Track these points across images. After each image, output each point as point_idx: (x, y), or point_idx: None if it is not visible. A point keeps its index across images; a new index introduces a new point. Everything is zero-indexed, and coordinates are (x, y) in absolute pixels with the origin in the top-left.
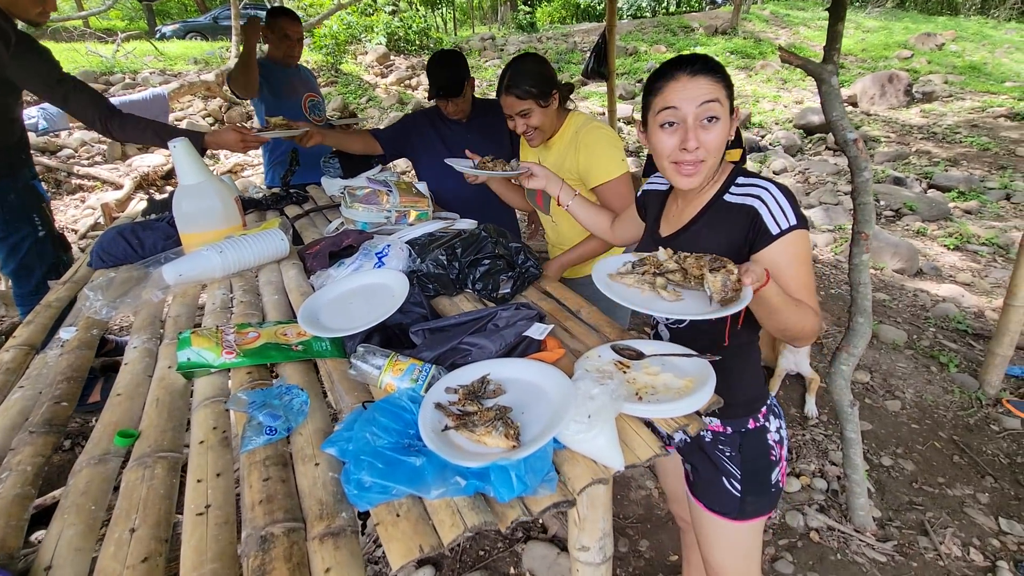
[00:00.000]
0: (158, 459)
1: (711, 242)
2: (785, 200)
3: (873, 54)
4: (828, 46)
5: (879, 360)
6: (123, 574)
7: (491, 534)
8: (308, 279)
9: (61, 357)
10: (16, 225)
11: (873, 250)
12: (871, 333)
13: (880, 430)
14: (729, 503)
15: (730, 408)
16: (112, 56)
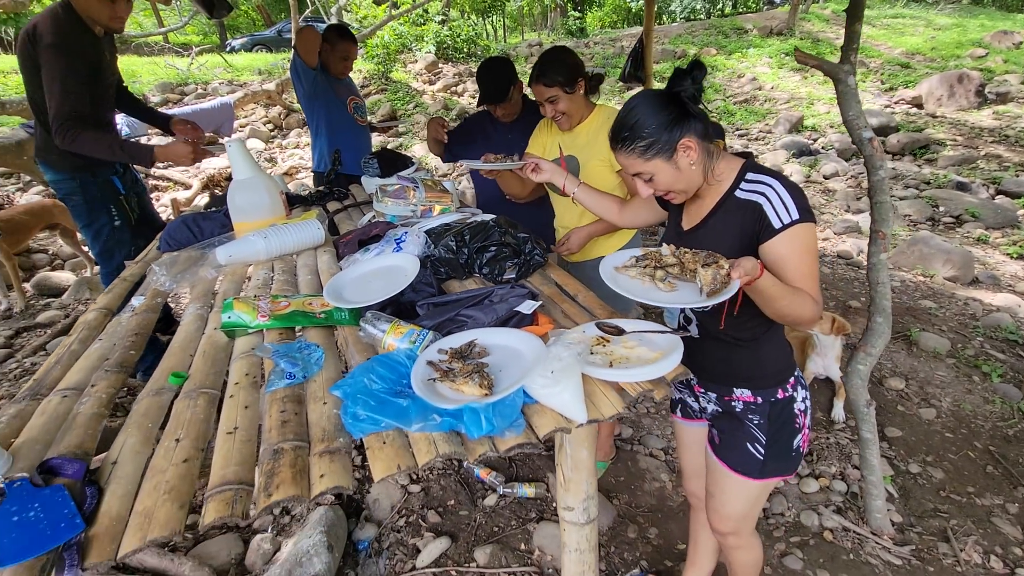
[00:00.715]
0: (201, 393)
1: (724, 235)
2: (788, 196)
3: (944, 53)
4: (845, 46)
5: (917, 368)
6: (168, 469)
7: (505, 512)
8: (338, 263)
9: (131, 318)
10: (96, 214)
11: (923, 256)
12: (890, 333)
13: (911, 437)
14: (751, 465)
15: (761, 380)
16: (187, 68)
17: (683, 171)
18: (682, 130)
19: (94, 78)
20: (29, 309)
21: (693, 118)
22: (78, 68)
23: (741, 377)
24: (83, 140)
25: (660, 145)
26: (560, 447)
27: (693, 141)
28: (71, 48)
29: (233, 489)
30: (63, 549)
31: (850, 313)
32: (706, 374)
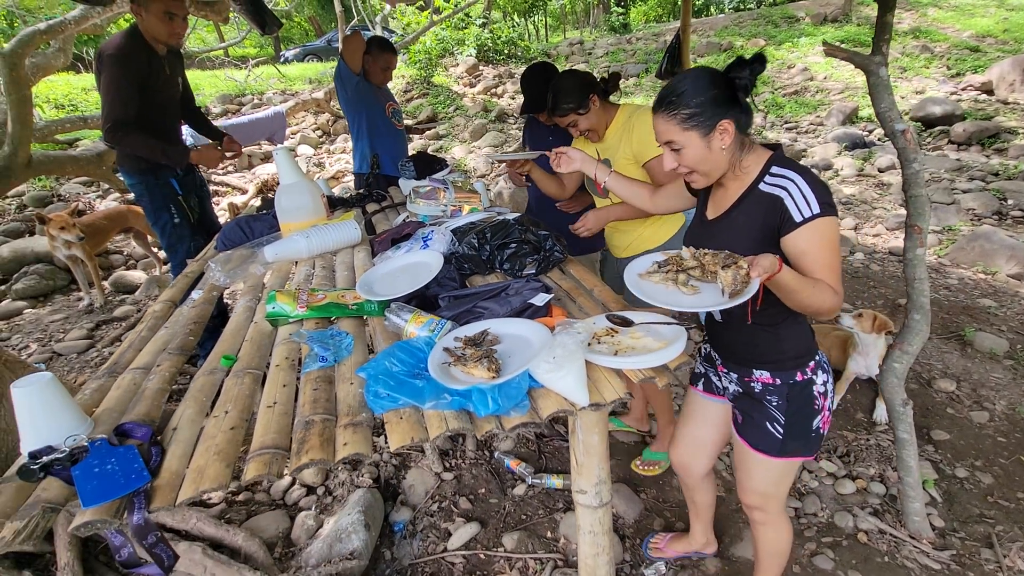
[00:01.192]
0: (247, 373)
1: (747, 227)
2: (810, 190)
3: (1017, 35)
4: (876, 37)
5: (970, 369)
6: (218, 436)
7: (533, 502)
8: (373, 259)
9: (191, 310)
10: (159, 213)
11: (984, 253)
12: (928, 331)
13: (959, 441)
14: (771, 443)
15: (780, 362)
16: (244, 80)
17: (713, 152)
18: (726, 113)
19: (148, 90)
20: (107, 304)
21: (738, 105)
22: (129, 80)
23: (761, 359)
24: (127, 141)
25: (701, 119)
26: (572, 432)
27: (731, 126)
28: (126, 62)
29: (271, 453)
30: (133, 495)
31: (899, 311)
32: (728, 355)
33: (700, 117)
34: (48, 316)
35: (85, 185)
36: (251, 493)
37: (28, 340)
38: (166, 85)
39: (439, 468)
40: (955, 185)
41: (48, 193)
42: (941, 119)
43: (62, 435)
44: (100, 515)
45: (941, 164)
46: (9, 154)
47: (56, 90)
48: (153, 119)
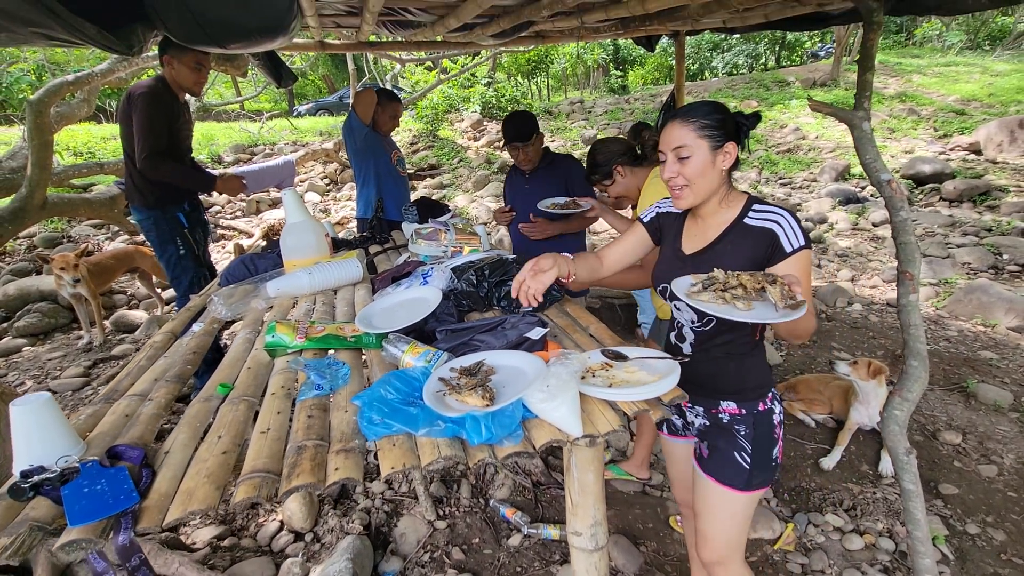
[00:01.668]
0: (242, 400)
1: (735, 257)
2: (797, 225)
3: (1003, 99)
4: (859, 93)
5: (975, 421)
6: (209, 459)
7: (529, 553)
8: (373, 296)
9: (191, 340)
10: (165, 245)
11: (982, 305)
12: (927, 378)
13: (968, 496)
14: (738, 476)
15: (744, 392)
16: (257, 131)
17: (715, 169)
18: (733, 137)
19: (173, 128)
20: (107, 343)
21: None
22: (160, 117)
23: (727, 390)
24: (164, 169)
25: (715, 133)
26: (568, 470)
27: (735, 150)
28: (157, 101)
29: (261, 476)
30: (120, 516)
31: (899, 361)
32: (695, 389)
33: (714, 131)
34: (47, 354)
35: (95, 227)
36: (236, 539)
37: (24, 377)
38: (185, 129)
39: (432, 516)
40: (949, 240)
41: (59, 234)
42: (931, 177)
43: (54, 456)
44: (86, 534)
45: (934, 220)
46: (26, 196)
47: (77, 138)
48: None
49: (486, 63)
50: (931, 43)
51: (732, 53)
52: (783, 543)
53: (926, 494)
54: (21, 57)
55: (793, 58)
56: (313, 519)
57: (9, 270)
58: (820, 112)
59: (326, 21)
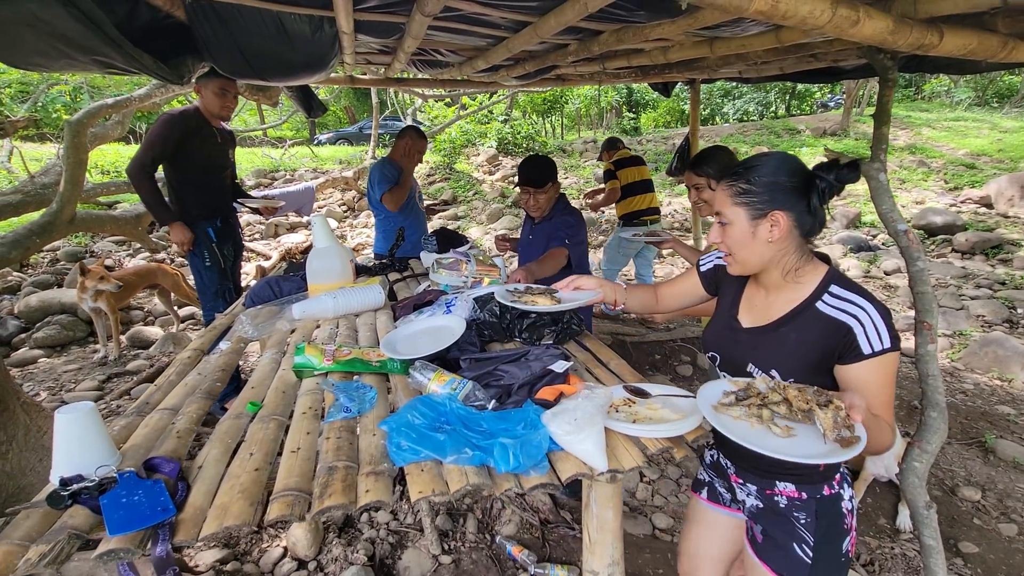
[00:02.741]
0: (272, 419)
1: (799, 346)
2: (883, 323)
3: (1013, 155)
4: (875, 146)
5: (995, 478)
6: (243, 475)
7: None
8: (394, 323)
9: (219, 358)
10: (192, 256)
11: (999, 359)
12: (947, 429)
13: (988, 555)
14: (799, 569)
15: (807, 475)
16: (279, 158)
17: (757, 240)
18: (785, 205)
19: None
20: (121, 358)
21: (803, 202)
22: (167, 139)
23: (785, 470)
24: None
25: (755, 200)
26: (587, 506)
27: (786, 220)
28: (173, 123)
29: (293, 495)
30: (158, 527)
31: (915, 413)
32: (747, 464)
33: (754, 197)
34: (62, 366)
35: (117, 243)
36: (239, 563)
37: (40, 388)
38: (217, 153)
39: (437, 550)
40: (962, 292)
41: (82, 249)
42: (942, 228)
43: (93, 465)
44: (125, 543)
45: (947, 271)
46: (56, 210)
47: (106, 158)
48: (198, 181)
49: (504, 101)
50: (940, 98)
51: (743, 100)
52: None
53: (946, 552)
54: (62, 80)
55: (803, 107)
56: (317, 547)
57: (32, 282)
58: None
59: (358, 58)
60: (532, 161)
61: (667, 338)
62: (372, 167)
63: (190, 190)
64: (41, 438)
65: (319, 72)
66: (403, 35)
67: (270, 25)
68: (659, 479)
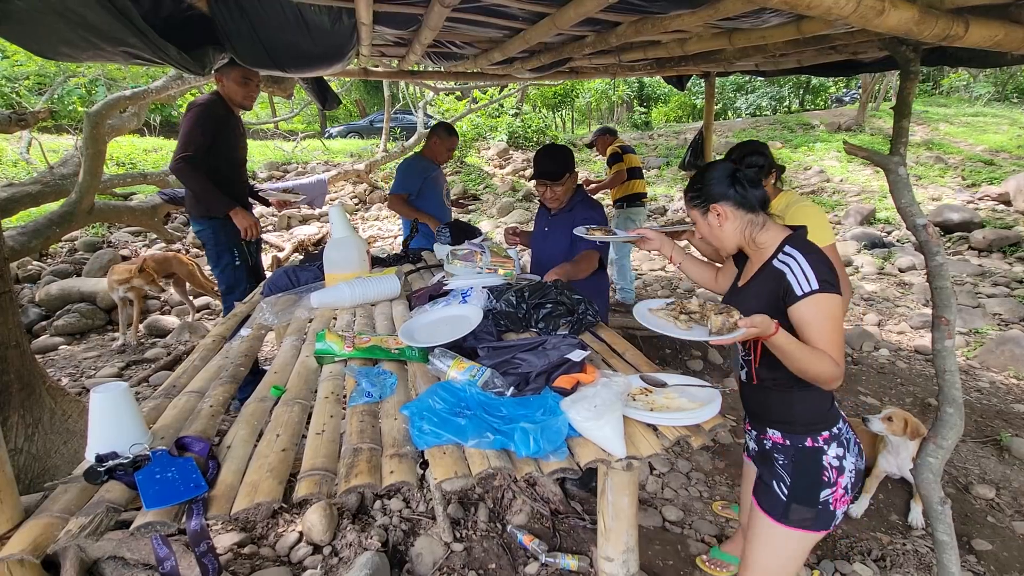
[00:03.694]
0: (296, 403)
1: (760, 297)
2: (810, 268)
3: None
4: (894, 140)
5: (1009, 476)
6: (270, 455)
7: None
8: (410, 312)
9: (242, 343)
10: (223, 255)
11: (1015, 358)
12: (963, 425)
13: (1002, 552)
14: (775, 505)
15: (789, 424)
16: (291, 151)
17: (713, 229)
18: (720, 198)
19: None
20: (140, 346)
21: (733, 190)
22: (205, 127)
23: (773, 419)
24: (190, 176)
25: (699, 200)
26: (602, 493)
27: (725, 209)
28: (208, 111)
29: (320, 474)
30: (191, 503)
31: (929, 410)
32: (750, 414)
33: (698, 200)
34: (82, 353)
35: (133, 234)
36: (256, 547)
37: (60, 374)
38: (240, 143)
39: (449, 537)
40: (979, 290)
41: (99, 240)
42: (959, 225)
43: (127, 443)
44: (161, 517)
45: (963, 269)
46: (75, 201)
47: (121, 150)
48: (226, 172)
49: (514, 95)
50: (958, 93)
51: (756, 95)
52: None
53: (959, 548)
54: (79, 72)
55: (817, 102)
56: (332, 532)
57: (51, 271)
58: (855, 155)
59: (374, 50)
60: (547, 152)
61: None
62: (400, 163)
63: (219, 182)
64: (65, 421)
65: (337, 63)
66: (420, 26)
67: (290, 16)
68: (669, 472)
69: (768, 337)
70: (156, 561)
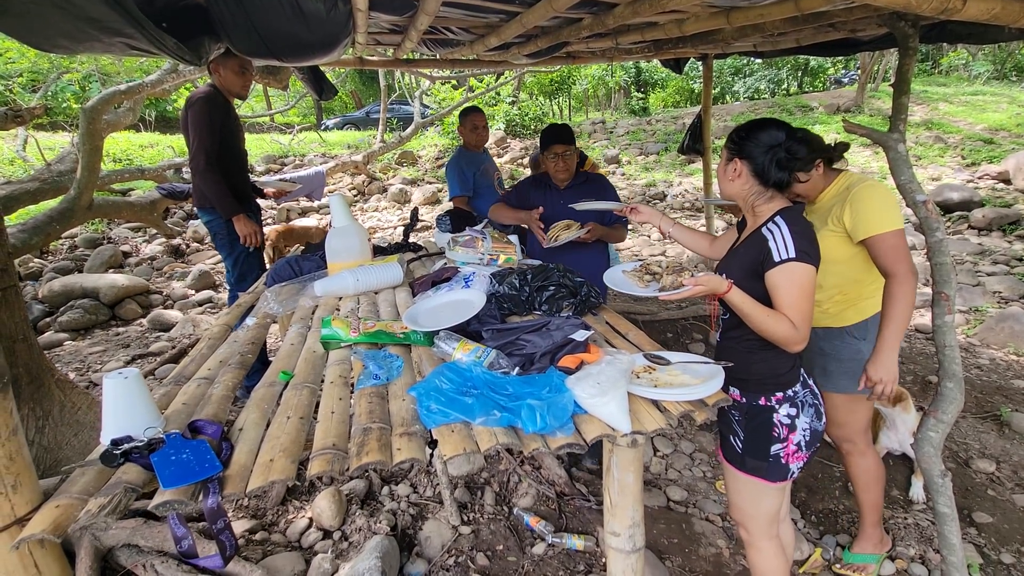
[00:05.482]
0: (304, 387)
1: (743, 258)
2: (791, 238)
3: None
4: (893, 116)
5: (1009, 451)
6: (282, 436)
7: (553, 562)
8: (413, 298)
9: (248, 331)
10: (235, 244)
11: (1015, 334)
12: (963, 400)
13: (1003, 524)
14: (733, 455)
15: (746, 383)
16: (288, 143)
17: (727, 177)
18: (747, 157)
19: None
20: (143, 339)
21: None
22: (214, 119)
23: (734, 377)
24: (209, 176)
25: (734, 147)
26: (608, 470)
27: (743, 168)
28: (213, 103)
29: (332, 453)
30: (207, 482)
31: (930, 388)
32: None
33: (734, 146)
34: (87, 348)
35: (133, 230)
36: (267, 533)
37: (67, 369)
38: (241, 133)
39: (457, 521)
40: (979, 268)
41: (99, 236)
42: (959, 205)
43: (140, 427)
44: (178, 496)
45: (963, 247)
46: (74, 197)
47: (117, 145)
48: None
49: (511, 83)
50: (957, 72)
51: (754, 78)
52: (810, 566)
53: (960, 521)
54: (73, 68)
55: (815, 84)
56: (341, 518)
57: (53, 268)
58: (855, 133)
59: (369, 38)
60: (553, 125)
61: (679, 316)
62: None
63: (227, 174)
64: (75, 414)
65: (333, 51)
66: (416, 12)
67: (285, 4)
68: (673, 453)
69: (722, 294)
70: (174, 540)
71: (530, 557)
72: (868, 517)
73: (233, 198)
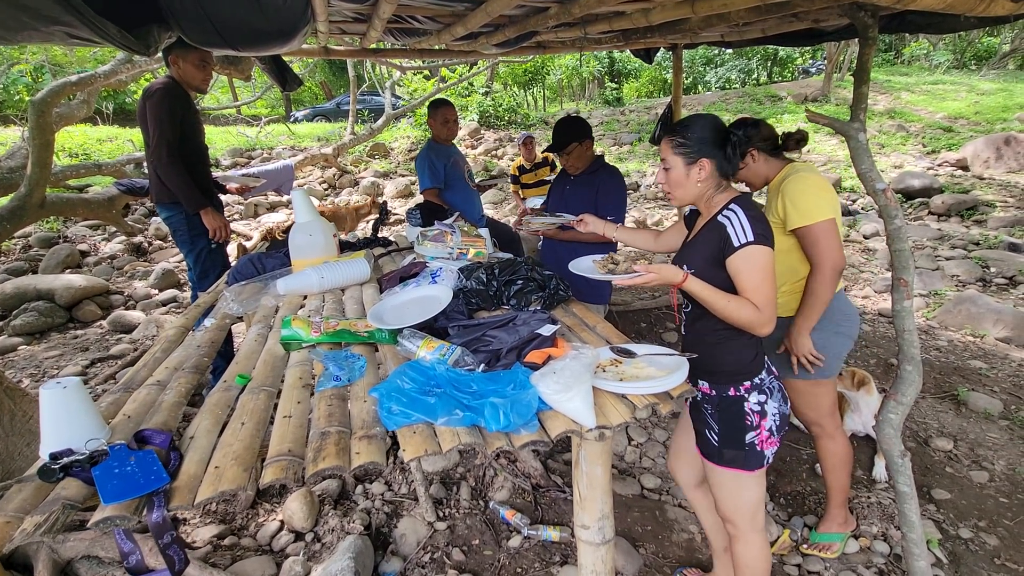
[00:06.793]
0: (262, 390)
1: (703, 248)
2: (748, 222)
3: (989, 116)
4: (854, 105)
5: (966, 429)
6: (235, 443)
7: (529, 555)
8: (380, 295)
9: (205, 333)
10: (196, 240)
11: (971, 316)
12: (921, 382)
13: (960, 501)
14: (711, 450)
15: (715, 375)
16: (255, 136)
17: (689, 180)
18: (709, 154)
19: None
20: (103, 342)
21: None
22: (174, 111)
23: (703, 370)
24: (172, 168)
25: (689, 151)
26: (576, 464)
27: (709, 165)
28: (172, 95)
29: (287, 459)
30: (152, 495)
31: (892, 370)
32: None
33: (688, 149)
34: (43, 352)
35: (91, 228)
36: (236, 538)
37: (21, 375)
38: (200, 127)
39: (432, 517)
40: (938, 253)
41: (55, 234)
42: (920, 191)
43: (82, 439)
44: (120, 511)
45: (923, 233)
46: (25, 195)
47: (73, 140)
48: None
49: (484, 73)
50: (919, 62)
51: (725, 68)
52: (779, 547)
53: (919, 499)
54: (23, 59)
55: (784, 74)
56: (314, 519)
57: (5, 269)
58: (817, 123)
59: (332, 27)
60: (558, 124)
61: (652, 306)
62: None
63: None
64: (27, 423)
65: (291, 41)
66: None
67: None
68: (647, 442)
69: (679, 284)
70: (120, 556)
71: (506, 550)
72: (835, 498)
73: (197, 192)
